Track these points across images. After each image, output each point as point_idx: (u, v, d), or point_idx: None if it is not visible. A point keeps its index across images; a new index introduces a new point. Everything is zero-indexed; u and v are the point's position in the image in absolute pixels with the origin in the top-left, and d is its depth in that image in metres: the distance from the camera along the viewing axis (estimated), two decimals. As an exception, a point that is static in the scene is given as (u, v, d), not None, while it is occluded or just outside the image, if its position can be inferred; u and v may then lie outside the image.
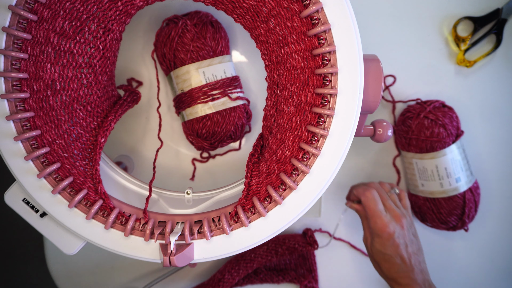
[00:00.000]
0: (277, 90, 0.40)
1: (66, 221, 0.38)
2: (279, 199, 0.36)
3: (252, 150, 0.43)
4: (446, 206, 0.57)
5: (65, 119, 0.39)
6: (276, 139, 0.39)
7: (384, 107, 0.62)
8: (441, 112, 0.57)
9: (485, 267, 0.63)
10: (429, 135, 0.56)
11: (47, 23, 0.36)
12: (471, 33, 0.59)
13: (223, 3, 0.39)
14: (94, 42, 0.40)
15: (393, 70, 0.62)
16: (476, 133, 0.62)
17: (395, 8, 0.61)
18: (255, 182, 0.39)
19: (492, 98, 0.62)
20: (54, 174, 0.38)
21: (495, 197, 0.63)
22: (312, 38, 0.35)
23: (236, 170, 0.62)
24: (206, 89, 0.53)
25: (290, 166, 0.37)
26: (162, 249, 0.38)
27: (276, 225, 0.37)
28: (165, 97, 0.60)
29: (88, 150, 0.41)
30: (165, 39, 0.54)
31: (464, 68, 0.61)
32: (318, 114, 0.36)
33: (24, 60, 0.36)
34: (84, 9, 0.38)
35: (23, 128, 0.37)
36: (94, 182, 0.39)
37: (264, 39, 0.39)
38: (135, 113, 0.60)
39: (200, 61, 0.53)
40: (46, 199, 0.38)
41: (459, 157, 0.57)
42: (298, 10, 0.35)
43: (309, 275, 0.59)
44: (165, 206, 0.45)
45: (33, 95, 0.37)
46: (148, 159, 0.60)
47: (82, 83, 0.40)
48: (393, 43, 0.62)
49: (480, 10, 0.60)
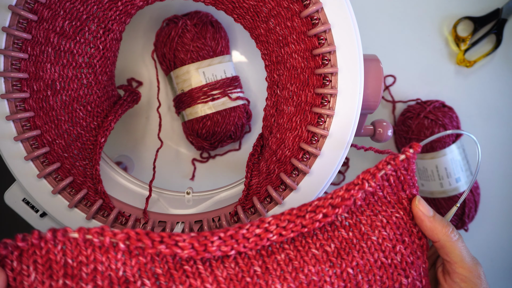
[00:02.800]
0: (277, 90, 0.40)
1: (66, 221, 0.38)
2: (279, 199, 0.36)
3: (252, 150, 0.43)
4: (446, 206, 0.57)
5: (65, 119, 0.39)
6: (276, 139, 0.39)
7: (384, 107, 0.62)
8: (441, 112, 0.57)
9: (485, 267, 0.63)
10: (429, 135, 0.56)
11: (47, 23, 0.36)
12: (471, 33, 0.59)
13: (223, 3, 0.39)
14: (94, 42, 0.40)
15: (393, 70, 0.62)
16: (476, 133, 0.62)
17: (395, 8, 0.61)
18: (255, 182, 0.39)
19: (492, 98, 0.62)
20: (54, 174, 0.38)
21: (495, 197, 0.63)
22: (312, 38, 0.35)
23: (236, 170, 0.62)
24: (206, 89, 0.53)
25: (290, 166, 0.37)
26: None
27: (276, 225, 0.37)
28: (165, 97, 0.60)
29: (88, 150, 0.41)
30: (165, 39, 0.54)
31: (464, 68, 0.61)
32: (318, 114, 0.36)
33: (24, 60, 0.36)
34: (84, 9, 0.38)
35: (23, 128, 0.37)
36: (94, 182, 0.39)
37: (264, 39, 0.39)
38: (135, 113, 0.60)
39: (200, 61, 0.53)
40: (46, 199, 0.38)
41: (459, 157, 0.57)
42: (298, 10, 0.35)
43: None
44: (165, 206, 0.45)
45: (33, 95, 0.37)
46: (148, 159, 0.60)
47: (82, 83, 0.40)
48: (393, 43, 0.61)
49: (480, 10, 0.60)
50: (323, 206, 0.29)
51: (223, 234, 0.27)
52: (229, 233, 0.27)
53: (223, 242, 0.27)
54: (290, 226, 0.28)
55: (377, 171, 0.31)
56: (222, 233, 0.27)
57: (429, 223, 0.33)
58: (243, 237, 0.28)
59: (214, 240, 0.27)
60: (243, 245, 0.28)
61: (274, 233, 0.28)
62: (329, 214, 0.29)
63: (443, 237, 0.32)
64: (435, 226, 0.32)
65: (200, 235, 0.27)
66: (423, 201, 0.34)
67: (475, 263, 0.33)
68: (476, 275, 0.33)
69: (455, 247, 0.33)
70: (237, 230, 0.28)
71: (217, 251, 0.27)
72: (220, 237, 0.27)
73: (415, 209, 0.33)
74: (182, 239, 0.26)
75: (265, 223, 0.28)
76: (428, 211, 0.33)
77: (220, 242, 0.27)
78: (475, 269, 0.33)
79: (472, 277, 0.32)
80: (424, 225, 0.33)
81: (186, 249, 0.26)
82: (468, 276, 0.32)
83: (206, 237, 0.27)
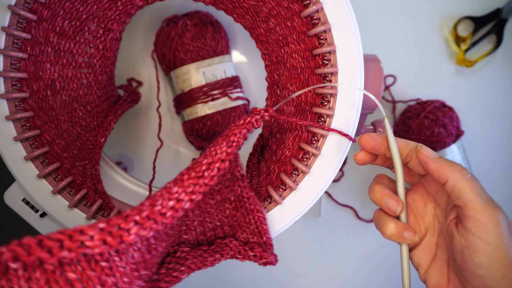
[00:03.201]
0: (277, 90, 0.40)
1: (66, 221, 0.38)
2: (279, 199, 0.36)
3: (252, 150, 0.43)
4: (446, 206, 0.57)
5: (64, 119, 0.39)
6: (276, 139, 0.39)
7: (384, 107, 0.62)
8: (441, 112, 0.57)
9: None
10: (429, 135, 0.56)
11: (47, 22, 0.36)
12: (471, 33, 0.59)
13: (223, 3, 0.39)
14: (94, 42, 0.40)
15: (393, 70, 0.62)
16: (476, 133, 0.62)
17: (395, 8, 0.61)
18: (255, 182, 0.39)
19: (492, 98, 0.62)
20: (54, 174, 0.38)
21: (495, 197, 0.62)
22: (312, 38, 0.35)
23: (236, 170, 0.61)
24: (206, 89, 0.53)
25: (290, 166, 0.37)
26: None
27: (276, 225, 0.37)
28: (165, 97, 0.60)
29: (88, 150, 0.41)
30: (165, 39, 0.54)
31: (464, 68, 0.61)
32: (318, 114, 0.36)
33: (24, 60, 0.36)
34: (84, 8, 0.38)
35: (23, 128, 0.37)
36: (94, 182, 0.39)
37: (264, 39, 0.39)
38: (135, 113, 0.60)
39: (200, 61, 0.53)
40: (46, 199, 0.38)
41: (459, 157, 0.57)
42: (298, 10, 0.35)
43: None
44: (165, 206, 0.44)
45: (32, 95, 0.37)
46: (148, 159, 0.60)
47: (81, 83, 0.40)
48: (393, 43, 0.61)
49: (481, 10, 0.60)
50: (214, 162, 0.29)
51: (138, 217, 0.24)
52: (145, 214, 0.24)
53: (141, 226, 0.24)
54: (197, 189, 0.27)
55: (248, 126, 0.32)
56: (137, 216, 0.24)
57: (434, 164, 0.29)
58: (160, 214, 0.25)
59: (130, 227, 0.24)
60: (162, 222, 0.25)
61: (186, 200, 0.27)
62: (221, 167, 0.29)
63: (451, 176, 0.28)
64: (441, 166, 0.28)
65: (112, 224, 0.23)
66: (425, 146, 0.30)
67: (491, 205, 0.27)
68: (492, 218, 0.26)
69: (465, 186, 0.27)
70: (151, 208, 0.25)
71: (136, 237, 0.24)
72: (136, 221, 0.24)
73: (419, 155, 0.29)
74: (90, 237, 0.22)
75: (174, 193, 0.26)
76: (432, 154, 0.29)
77: (137, 228, 0.24)
78: (490, 211, 0.26)
79: (486, 221, 0.26)
80: (429, 167, 0.29)
81: (97, 247, 0.23)
82: (481, 220, 0.26)
83: (119, 226, 0.23)
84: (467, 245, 0.26)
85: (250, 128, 0.32)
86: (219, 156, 0.30)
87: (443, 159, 0.29)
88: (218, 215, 0.37)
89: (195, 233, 0.37)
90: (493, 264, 0.24)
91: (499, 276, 0.24)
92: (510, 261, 0.24)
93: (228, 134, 0.31)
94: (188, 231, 0.37)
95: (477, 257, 0.25)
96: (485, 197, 0.27)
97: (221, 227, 0.37)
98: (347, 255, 0.63)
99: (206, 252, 0.36)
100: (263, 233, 0.36)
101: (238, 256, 0.36)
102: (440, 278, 0.29)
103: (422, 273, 0.31)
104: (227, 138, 0.31)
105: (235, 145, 0.31)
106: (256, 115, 0.32)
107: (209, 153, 0.30)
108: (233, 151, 0.30)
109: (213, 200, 0.37)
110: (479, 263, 0.25)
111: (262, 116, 0.32)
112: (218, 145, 0.30)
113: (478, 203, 0.26)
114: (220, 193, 0.36)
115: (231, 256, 0.36)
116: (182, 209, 0.26)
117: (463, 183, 0.27)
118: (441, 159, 0.29)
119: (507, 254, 0.25)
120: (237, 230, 0.37)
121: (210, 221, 0.37)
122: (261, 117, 0.32)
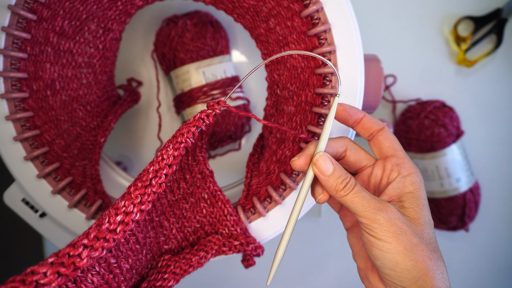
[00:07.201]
0: (277, 90, 0.40)
1: (66, 221, 0.38)
2: (279, 199, 0.36)
3: (252, 150, 0.43)
4: (447, 206, 0.57)
5: (64, 119, 0.39)
6: (276, 139, 0.39)
7: (384, 107, 0.62)
8: (441, 112, 0.57)
9: (486, 267, 0.63)
10: (429, 135, 0.56)
11: (47, 22, 0.36)
12: (471, 33, 0.59)
13: (223, 2, 0.39)
14: (93, 42, 0.40)
15: (393, 70, 0.62)
16: (476, 133, 0.62)
17: (395, 8, 0.61)
18: (255, 182, 0.39)
19: (492, 98, 0.62)
20: (53, 174, 0.38)
21: (496, 197, 0.63)
22: (312, 37, 0.35)
23: (236, 170, 0.61)
24: (206, 89, 0.53)
25: (290, 166, 0.37)
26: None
27: (276, 225, 0.37)
28: (165, 97, 0.60)
29: (88, 150, 0.41)
30: (165, 39, 0.54)
31: (464, 68, 0.61)
32: (319, 114, 0.36)
33: (24, 59, 0.36)
34: (83, 8, 0.37)
35: (23, 128, 0.37)
36: (94, 182, 0.39)
37: (264, 39, 0.39)
38: (135, 113, 0.60)
39: (200, 60, 0.53)
40: (46, 199, 0.38)
41: (459, 157, 0.57)
42: (298, 10, 0.35)
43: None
44: (165, 206, 0.44)
45: (32, 94, 0.37)
46: (148, 159, 0.60)
47: (81, 82, 0.40)
48: (393, 43, 0.61)
49: (481, 9, 0.60)
50: (161, 168, 0.29)
51: (86, 240, 0.25)
52: (92, 236, 0.25)
53: (91, 247, 0.25)
54: (145, 198, 0.27)
55: (198, 123, 0.31)
56: (85, 239, 0.25)
57: (325, 182, 0.29)
58: (109, 231, 0.26)
59: (80, 252, 0.24)
60: (113, 239, 0.26)
61: (135, 212, 0.27)
62: (169, 173, 0.29)
63: (335, 194, 0.28)
64: (329, 185, 0.28)
65: (61, 255, 0.24)
66: (321, 159, 0.29)
67: (378, 208, 0.27)
68: (380, 220, 0.27)
69: (351, 200, 0.28)
70: (99, 228, 0.25)
71: (89, 260, 0.24)
72: (85, 244, 0.25)
73: (313, 167, 0.29)
74: (42, 274, 0.23)
75: (121, 208, 0.27)
76: (326, 170, 0.28)
77: (88, 251, 0.24)
78: (378, 216, 0.27)
79: (375, 225, 0.27)
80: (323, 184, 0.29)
81: (53, 282, 0.23)
82: (371, 224, 0.27)
83: (69, 254, 0.24)
84: (364, 241, 0.28)
85: (200, 125, 0.30)
86: (166, 162, 0.29)
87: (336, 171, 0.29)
88: (196, 217, 0.37)
89: (177, 241, 0.37)
90: (386, 256, 0.27)
91: (392, 265, 0.27)
92: (400, 250, 0.27)
93: (175, 134, 0.30)
94: (169, 241, 0.37)
95: (374, 251, 0.28)
96: (373, 204, 0.27)
97: (201, 228, 0.37)
98: (347, 255, 0.63)
99: (189, 254, 0.36)
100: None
101: (224, 249, 0.36)
102: (366, 263, 0.32)
103: (353, 255, 0.34)
104: (174, 139, 0.29)
105: (183, 146, 0.29)
106: (208, 109, 0.30)
107: (155, 159, 0.29)
108: (181, 153, 0.29)
109: (188, 203, 0.37)
110: (376, 255, 0.27)
111: (213, 110, 0.30)
112: (165, 148, 0.29)
113: (367, 212, 0.27)
114: (193, 195, 0.37)
115: (216, 251, 0.36)
116: (133, 221, 0.27)
117: (348, 196, 0.28)
118: (334, 171, 0.29)
119: (396, 246, 0.27)
120: (218, 227, 0.37)
121: (189, 225, 0.37)
122: (212, 111, 0.30)
